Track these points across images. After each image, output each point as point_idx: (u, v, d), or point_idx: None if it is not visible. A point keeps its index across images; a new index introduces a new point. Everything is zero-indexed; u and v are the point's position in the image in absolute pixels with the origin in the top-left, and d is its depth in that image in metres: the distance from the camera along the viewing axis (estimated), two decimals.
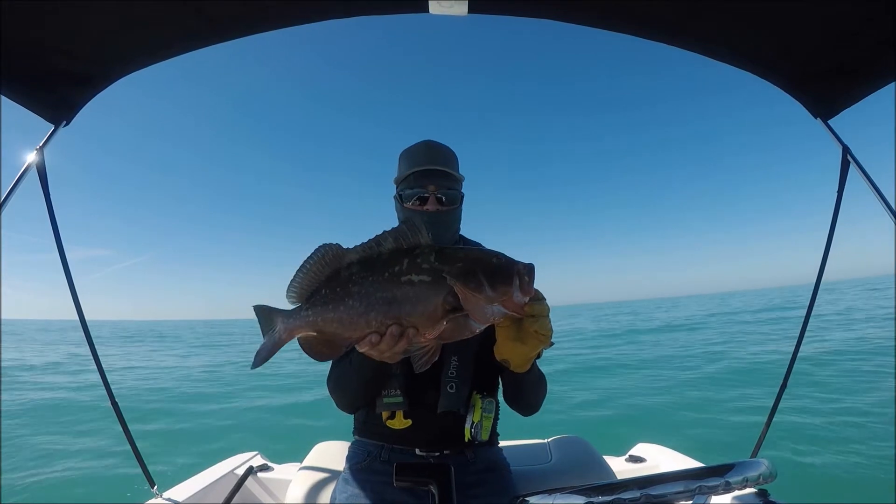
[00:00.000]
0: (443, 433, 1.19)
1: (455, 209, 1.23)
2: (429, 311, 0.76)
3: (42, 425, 6.90)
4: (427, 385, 1.15)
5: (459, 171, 1.25)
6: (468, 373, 1.17)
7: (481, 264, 0.77)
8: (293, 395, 9.52)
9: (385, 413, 1.17)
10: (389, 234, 0.79)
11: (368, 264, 0.78)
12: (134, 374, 13.01)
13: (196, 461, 2.40)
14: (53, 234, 1.68)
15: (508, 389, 1.19)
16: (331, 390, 1.18)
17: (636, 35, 1.50)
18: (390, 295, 0.76)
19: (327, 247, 0.80)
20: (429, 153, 1.23)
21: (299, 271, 0.81)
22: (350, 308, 0.77)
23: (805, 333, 1.88)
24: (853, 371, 8.29)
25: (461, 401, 1.16)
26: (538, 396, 1.17)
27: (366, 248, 0.79)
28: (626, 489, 0.66)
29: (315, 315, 0.79)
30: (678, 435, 5.39)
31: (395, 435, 1.20)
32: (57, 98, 1.53)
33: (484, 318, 0.77)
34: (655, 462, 2.09)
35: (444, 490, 0.83)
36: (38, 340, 30.95)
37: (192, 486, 1.90)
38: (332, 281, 0.79)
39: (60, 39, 1.36)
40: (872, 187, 1.60)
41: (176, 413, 7.99)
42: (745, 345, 13.48)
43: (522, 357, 0.94)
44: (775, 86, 1.63)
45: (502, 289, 0.75)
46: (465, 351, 1.17)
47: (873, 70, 1.49)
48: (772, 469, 0.68)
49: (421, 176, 1.19)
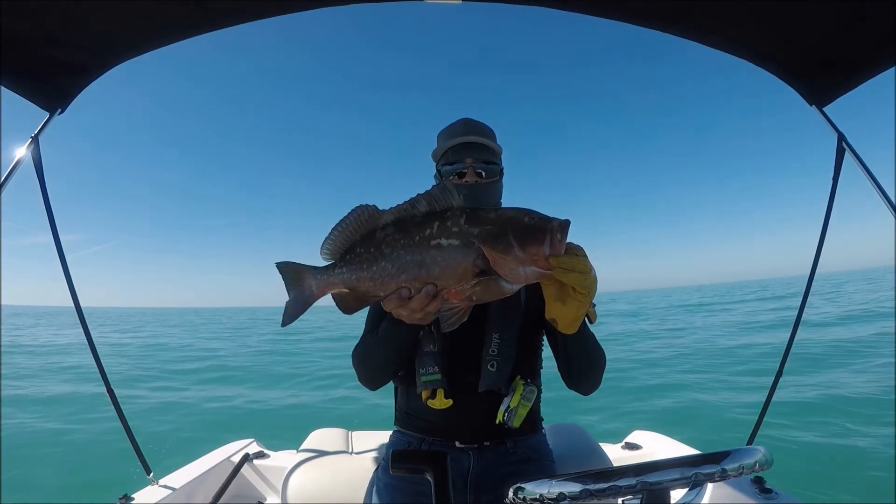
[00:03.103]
0: (483, 418, 1.16)
1: (494, 182, 1.21)
2: (458, 273, 0.76)
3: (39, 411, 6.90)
4: (467, 364, 1.14)
5: (498, 145, 1.23)
6: (510, 352, 1.14)
7: (512, 224, 0.75)
8: (290, 382, 9.57)
9: (425, 393, 1.14)
10: (423, 196, 0.79)
11: (402, 226, 0.79)
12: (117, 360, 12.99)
13: (192, 448, 2.39)
14: (49, 222, 1.67)
15: (561, 358, 1.11)
16: (355, 362, 1.16)
17: (633, 23, 1.49)
18: (420, 258, 0.77)
19: (363, 207, 0.80)
20: (466, 127, 1.22)
21: (335, 229, 0.82)
22: (382, 269, 0.79)
23: (800, 321, 1.89)
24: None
25: (503, 380, 1.13)
26: (592, 367, 1.10)
27: (400, 210, 0.80)
28: (622, 476, 0.65)
29: (349, 273, 0.81)
30: (674, 422, 5.46)
31: (436, 427, 1.19)
32: (52, 86, 1.53)
33: (517, 279, 0.76)
34: (652, 449, 2.11)
35: (440, 477, 0.83)
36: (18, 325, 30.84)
37: (188, 473, 1.90)
38: (367, 241, 0.80)
39: (56, 28, 1.35)
40: (868, 174, 1.61)
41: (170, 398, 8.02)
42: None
43: (568, 316, 0.91)
44: (771, 74, 1.63)
45: (532, 249, 0.73)
46: (508, 330, 1.14)
47: (869, 58, 1.49)
48: (768, 456, 0.67)
49: (458, 150, 1.19)
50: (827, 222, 1.82)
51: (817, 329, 12.35)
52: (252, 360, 13.16)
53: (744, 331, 14.45)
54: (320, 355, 13.47)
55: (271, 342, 18.73)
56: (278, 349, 15.22)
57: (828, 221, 1.82)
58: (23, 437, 5.63)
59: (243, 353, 15.12)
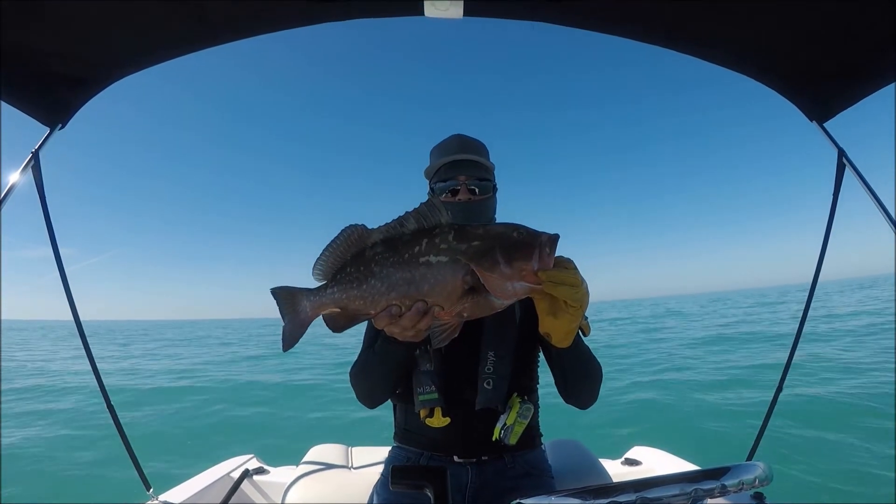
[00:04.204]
0: (481, 435, 1.16)
1: (488, 199, 1.22)
2: (448, 290, 0.77)
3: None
4: (464, 383, 1.14)
5: (490, 161, 1.24)
6: (506, 369, 1.14)
7: (500, 240, 0.76)
8: (290, 399, 9.49)
9: (423, 412, 1.14)
10: (411, 214, 0.80)
11: (391, 245, 0.79)
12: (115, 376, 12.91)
13: (192, 464, 2.38)
14: (49, 237, 1.67)
15: (556, 372, 1.11)
16: (353, 381, 1.16)
17: (631, 38, 1.51)
18: (409, 275, 0.77)
19: (353, 228, 0.81)
20: (458, 144, 1.24)
21: (325, 251, 0.82)
22: (372, 287, 0.79)
23: (801, 336, 1.89)
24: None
25: (500, 398, 1.13)
26: (588, 380, 1.10)
27: (389, 229, 0.80)
28: (622, 492, 0.65)
29: (340, 292, 0.81)
30: (675, 438, 5.40)
31: (435, 442, 1.19)
32: (53, 101, 1.52)
33: (506, 295, 0.76)
34: (651, 465, 2.09)
35: (440, 493, 0.82)
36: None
37: (187, 489, 1.89)
38: (356, 260, 0.81)
39: (58, 43, 1.35)
40: (868, 190, 1.61)
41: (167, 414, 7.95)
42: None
43: (561, 330, 0.91)
44: (771, 89, 1.64)
45: (519, 264, 0.74)
46: (503, 346, 1.14)
47: (870, 73, 1.49)
48: (768, 472, 0.68)
49: (451, 167, 1.20)
50: (827, 237, 1.82)
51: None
52: (250, 375, 13.08)
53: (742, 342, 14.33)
54: (322, 370, 13.38)
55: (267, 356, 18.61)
56: (277, 363, 15.12)
57: (828, 237, 1.82)
58: (21, 452, 5.58)
59: (241, 367, 15.02)
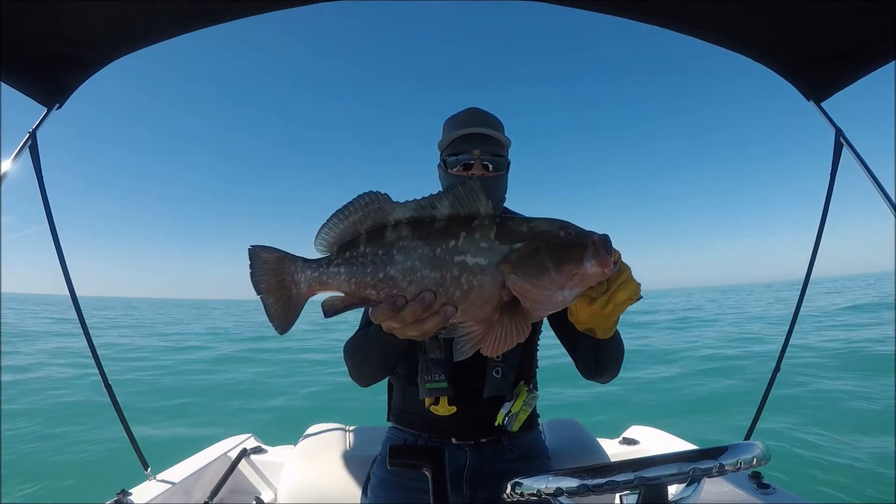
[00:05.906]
0: (483, 420, 1.15)
1: (501, 176, 1.16)
2: (482, 300, 0.65)
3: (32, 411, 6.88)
4: (472, 371, 1.11)
5: (506, 137, 1.19)
6: (515, 358, 1.13)
7: (545, 240, 0.64)
8: (286, 377, 9.57)
9: (428, 399, 1.13)
10: (446, 195, 0.66)
11: (419, 230, 0.66)
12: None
13: (189, 443, 2.39)
14: (46, 215, 1.66)
15: (589, 361, 1.05)
16: (346, 358, 1.08)
17: (631, 18, 1.48)
18: (439, 276, 0.64)
19: (373, 195, 0.67)
20: (474, 117, 1.17)
21: (335, 216, 0.68)
22: (391, 279, 0.65)
23: (797, 320, 1.89)
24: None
25: (508, 386, 1.13)
26: (620, 359, 1.05)
27: (418, 208, 0.66)
28: (620, 471, 0.65)
29: (349, 275, 0.67)
30: (672, 417, 5.48)
31: (433, 424, 1.17)
32: (51, 81, 1.53)
33: (552, 306, 0.65)
34: (649, 444, 2.12)
35: (438, 473, 0.83)
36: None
37: (185, 468, 1.90)
38: (374, 240, 0.67)
39: (55, 23, 1.34)
40: (866, 170, 1.60)
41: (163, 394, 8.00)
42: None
43: (606, 324, 0.83)
44: (769, 69, 1.62)
45: (570, 268, 0.63)
46: None
47: (868, 52, 1.48)
48: (765, 452, 0.68)
49: (466, 140, 1.14)
50: (824, 219, 1.82)
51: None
52: (248, 354, 13.17)
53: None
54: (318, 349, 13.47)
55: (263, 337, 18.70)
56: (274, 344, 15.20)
57: (825, 219, 1.81)
58: (17, 432, 5.61)
59: (240, 347, 15.12)
